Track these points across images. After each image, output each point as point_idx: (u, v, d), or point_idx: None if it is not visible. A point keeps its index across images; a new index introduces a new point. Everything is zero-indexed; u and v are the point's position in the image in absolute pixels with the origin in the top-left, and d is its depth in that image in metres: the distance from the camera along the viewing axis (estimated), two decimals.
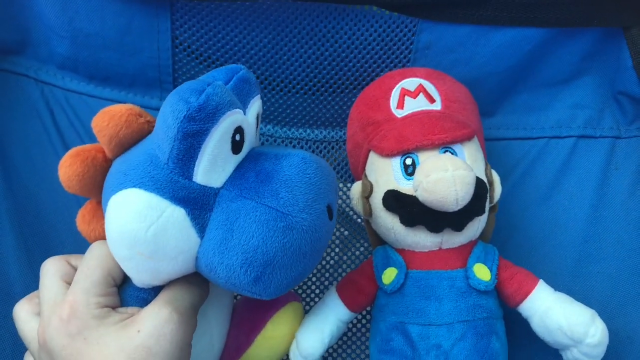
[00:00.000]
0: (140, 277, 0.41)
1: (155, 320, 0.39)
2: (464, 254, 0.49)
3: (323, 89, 0.63)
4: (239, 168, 0.41)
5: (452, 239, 0.48)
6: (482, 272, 0.48)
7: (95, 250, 0.42)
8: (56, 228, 0.59)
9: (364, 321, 0.61)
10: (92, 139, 0.60)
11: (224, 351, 0.51)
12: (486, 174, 0.50)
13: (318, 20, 0.59)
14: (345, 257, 0.64)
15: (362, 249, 0.64)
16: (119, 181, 0.39)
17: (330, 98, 0.64)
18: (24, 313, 0.44)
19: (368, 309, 0.60)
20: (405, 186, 0.48)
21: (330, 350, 0.59)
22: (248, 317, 0.51)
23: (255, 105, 0.43)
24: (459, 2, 0.57)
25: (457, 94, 0.53)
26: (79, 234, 0.46)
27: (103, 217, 0.41)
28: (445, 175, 0.43)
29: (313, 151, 0.65)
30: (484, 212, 0.48)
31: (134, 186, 0.38)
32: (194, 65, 0.62)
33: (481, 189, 0.47)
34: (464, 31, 0.58)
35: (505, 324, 0.51)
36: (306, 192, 0.39)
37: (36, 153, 0.60)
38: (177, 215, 0.38)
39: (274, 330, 0.51)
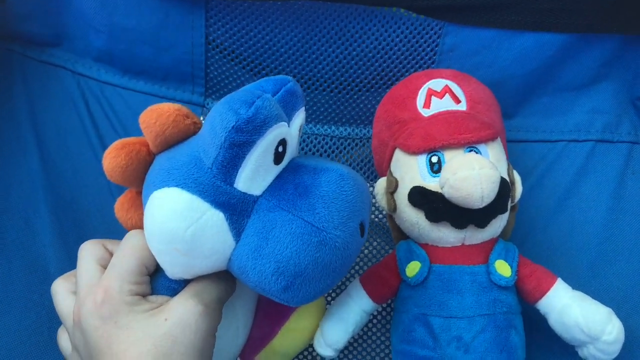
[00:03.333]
0: (173, 270, 0.42)
1: (182, 311, 0.40)
2: (486, 250, 0.50)
3: (349, 87, 0.64)
4: (278, 178, 0.41)
5: (475, 236, 0.49)
6: (503, 268, 0.49)
7: (132, 239, 0.43)
8: (89, 214, 0.60)
9: (384, 313, 0.63)
10: (125, 129, 0.63)
11: (248, 341, 0.52)
12: (508, 174, 0.51)
13: (347, 21, 0.60)
14: (361, 254, 0.65)
15: (375, 244, 0.65)
16: (162, 178, 0.40)
17: (356, 97, 0.65)
18: (61, 290, 0.45)
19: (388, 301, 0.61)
20: (431, 183, 0.49)
21: (352, 340, 0.60)
22: (273, 309, 0.53)
23: (299, 117, 0.43)
24: (484, 6, 0.58)
25: (481, 96, 0.54)
26: (110, 220, 0.48)
27: (141, 207, 0.43)
28: (472, 173, 0.45)
29: (337, 147, 0.67)
30: (506, 210, 0.50)
31: (177, 185, 0.39)
32: (226, 61, 0.63)
33: (504, 188, 0.48)
34: (488, 35, 0.60)
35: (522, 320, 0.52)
36: (341, 209, 0.40)
37: (71, 142, 0.62)
38: (216, 218, 0.39)
39: (298, 322, 0.53)
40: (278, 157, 0.40)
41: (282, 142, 0.40)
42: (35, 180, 0.59)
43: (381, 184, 0.55)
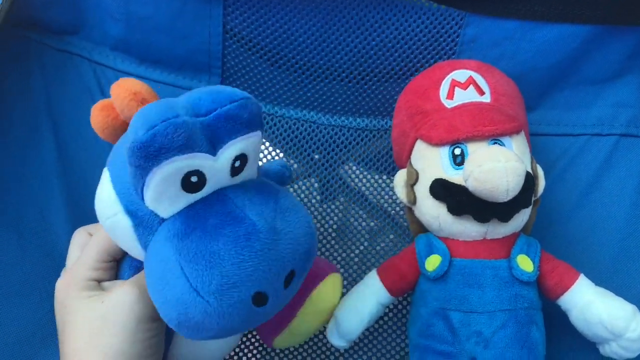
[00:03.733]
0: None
1: (118, 293, 0.41)
2: (508, 245, 0.50)
3: (368, 77, 0.64)
4: (192, 206, 0.37)
5: (497, 230, 0.49)
6: (525, 263, 0.49)
7: (100, 228, 0.44)
8: None
9: (400, 307, 0.62)
10: None
11: (266, 325, 0.52)
12: (532, 168, 0.51)
13: (366, 10, 0.60)
14: (373, 251, 0.65)
15: (387, 240, 0.65)
16: (110, 158, 0.40)
17: (374, 87, 0.64)
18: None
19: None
20: (453, 175, 0.49)
21: (366, 332, 0.60)
22: None
23: (235, 148, 0.37)
24: None
25: (505, 88, 0.53)
26: None
27: None
28: (498, 165, 0.44)
29: (355, 139, 0.66)
30: (530, 204, 0.49)
31: (110, 175, 0.38)
32: (243, 51, 0.63)
33: (529, 181, 0.47)
34: (511, 26, 0.59)
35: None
36: (225, 275, 0.34)
37: (87, 131, 0.60)
38: (125, 223, 0.37)
39: (316, 304, 0.52)
40: (191, 187, 0.36)
41: (196, 173, 0.35)
42: (51, 169, 0.59)
43: (401, 176, 0.54)
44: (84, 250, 0.44)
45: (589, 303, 0.48)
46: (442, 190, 0.48)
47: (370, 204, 0.66)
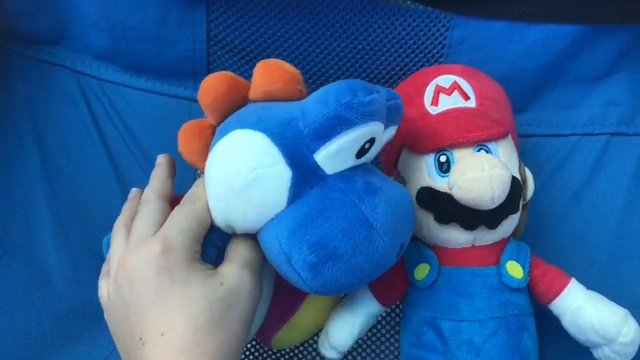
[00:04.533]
0: (216, 212, 0.42)
1: (237, 278, 0.40)
2: (497, 251, 0.49)
3: None
4: (352, 170, 0.42)
5: (485, 237, 0.48)
6: (514, 270, 0.48)
7: (195, 200, 0.43)
8: (91, 214, 0.60)
9: (392, 314, 0.62)
10: (126, 127, 0.62)
11: (268, 317, 0.52)
12: (520, 172, 0.50)
13: (352, 14, 0.59)
14: None
15: None
16: (251, 122, 0.41)
17: None
18: (120, 238, 0.44)
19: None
20: (440, 183, 0.48)
21: (360, 342, 0.59)
22: (290, 288, 0.51)
23: (390, 132, 0.44)
24: None
25: (491, 92, 0.53)
26: (113, 219, 0.47)
27: (206, 139, 0.44)
28: (482, 174, 0.43)
29: None
30: (518, 210, 0.48)
31: (264, 131, 0.40)
32: (228, 57, 0.63)
33: (516, 187, 0.47)
34: (498, 27, 0.58)
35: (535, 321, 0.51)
36: (396, 221, 0.41)
37: (72, 141, 0.61)
38: (284, 173, 0.40)
39: (318, 299, 0.52)
40: (361, 152, 0.41)
41: (372, 140, 0.41)
42: (36, 181, 0.58)
43: None
44: (179, 217, 0.41)
45: (580, 308, 0.48)
46: (428, 198, 0.48)
47: None
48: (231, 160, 0.40)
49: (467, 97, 0.51)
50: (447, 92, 0.51)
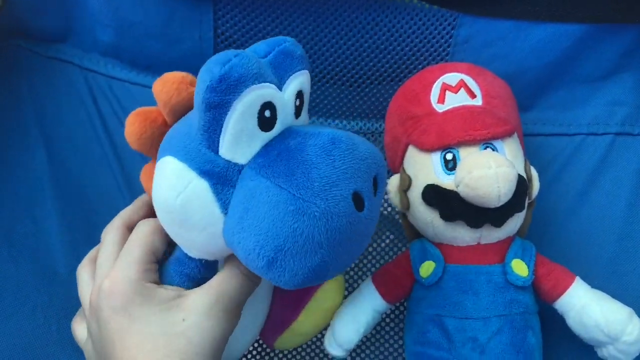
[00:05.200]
0: (183, 245, 0.41)
1: (202, 316, 0.39)
2: (502, 249, 0.49)
3: (361, 80, 0.63)
4: (267, 146, 0.38)
5: (490, 235, 0.48)
6: (519, 268, 0.48)
7: (140, 226, 0.43)
8: (98, 211, 0.60)
9: (397, 312, 0.62)
10: None
11: (269, 324, 0.52)
12: (525, 171, 0.50)
13: (358, 12, 0.59)
14: (370, 249, 0.65)
15: (387, 240, 0.64)
16: (163, 147, 0.40)
17: (367, 90, 0.64)
18: (85, 275, 0.45)
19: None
20: (446, 181, 0.48)
21: (364, 339, 0.59)
22: (292, 292, 0.51)
23: (297, 82, 0.40)
24: None
25: (497, 90, 0.53)
26: None
27: None
28: (489, 172, 0.44)
29: None
30: (523, 208, 0.49)
31: (171, 154, 0.38)
32: None
33: (522, 185, 0.47)
34: (504, 26, 0.58)
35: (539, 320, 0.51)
36: (324, 176, 0.35)
37: (79, 138, 0.61)
38: (201, 187, 0.37)
39: (319, 305, 0.52)
40: (265, 123, 0.37)
41: (269, 106, 0.37)
42: (43, 178, 0.58)
43: (394, 181, 0.53)
44: (125, 251, 0.41)
45: (585, 306, 0.48)
46: (434, 196, 0.48)
47: None
48: (159, 196, 0.39)
49: (473, 95, 0.51)
50: (453, 90, 0.51)
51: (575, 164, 0.61)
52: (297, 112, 0.40)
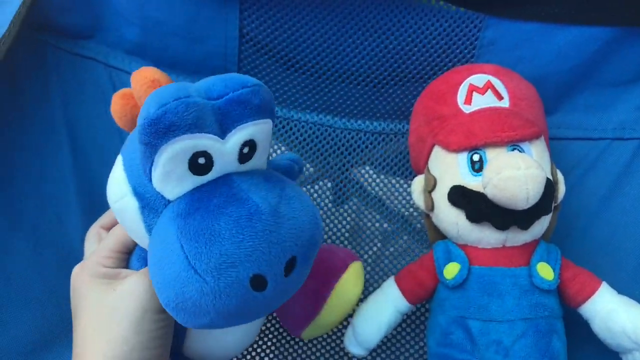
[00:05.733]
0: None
1: (130, 282, 0.41)
2: (527, 252, 0.49)
3: (385, 81, 0.63)
4: (199, 188, 0.37)
5: (516, 237, 0.48)
6: (545, 271, 0.48)
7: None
8: None
9: (417, 313, 0.61)
10: None
11: (291, 320, 0.52)
12: (552, 174, 0.50)
13: (383, 13, 0.59)
14: (386, 252, 0.64)
15: (401, 242, 0.64)
16: (125, 143, 0.40)
17: (391, 90, 0.64)
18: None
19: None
20: (472, 182, 0.48)
21: (384, 340, 0.59)
22: (312, 287, 0.51)
23: (244, 133, 0.37)
24: None
25: (524, 92, 0.53)
26: None
27: None
28: (518, 173, 0.43)
29: (371, 142, 0.66)
30: (550, 211, 0.48)
31: (123, 156, 0.39)
32: (259, 55, 0.63)
33: (549, 188, 0.46)
34: (530, 28, 0.58)
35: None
36: (225, 253, 0.34)
37: (102, 135, 0.61)
38: (132, 205, 0.37)
39: (341, 296, 0.51)
40: (197, 168, 0.36)
41: (203, 154, 0.35)
42: (67, 174, 0.58)
43: (418, 182, 0.53)
44: (102, 241, 0.45)
45: (611, 312, 0.47)
46: (460, 197, 0.48)
47: (384, 206, 0.65)
48: (108, 185, 0.40)
49: (500, 97, 0.51)
50: (480, 92, 0.51)
51: (600, 169, 0.60)
52: (244, 159, 0.38)
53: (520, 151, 0.48)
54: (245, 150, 0.37)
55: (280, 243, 0.36)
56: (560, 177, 0.51)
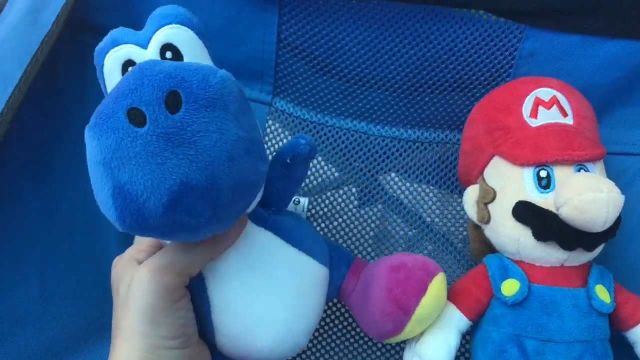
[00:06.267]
0: None
1: (135, 280, 0.41)
2: (584, 273, 0.49)
3: (421, 89, 0.63)
4: None
5: (577, 258, 0.47)
6: (603, 294, 0.48)
7: None
8: None
9: None
10: None
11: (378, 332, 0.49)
12: None
13: (423, 21, 0.59)
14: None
15: (425, 252, 0.64)
16: None
17: (427, 99, 0.63)
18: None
19: None
20: (538, 198, 0.47)
21: None
22: (395, 300, 0.47)
23: (160, 36, 0.43)
24: (570, 10, 0.56)
25: (585, 110, 0.52)
26: None
27: None
28: (600, 196, 0.43)
29: (405, 150, 0.65)
30: (615, 235, 0.48)
31: None
32: (296, 60, 0.62)
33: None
34: (572, 40, 0.58)
35: None
36: (106, 100, 0.35)
37: None
38: None
39: (425, 311, 0.47)
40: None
41: (130, 63, 0.42)
42: None
43: (472, 192, 0.53)
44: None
45: None
46: (528, 213, 0.47)
47: (409, 212, 0.65)
48: None
49: (565, 114, 0.50)
50: (546, 106, 0.50)
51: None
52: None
53: (585, 171, 0.47)
54: (169, 55, 0.42)
55: (153, 75, 0.34)
56: None
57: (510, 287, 0.48)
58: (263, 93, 0.64)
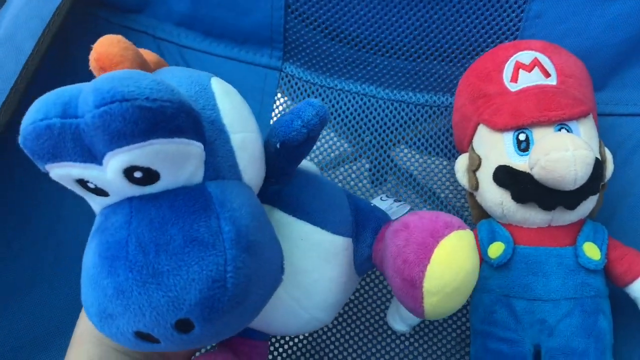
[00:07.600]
0: None
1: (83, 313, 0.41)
2: (573, 232, 0.49)
3: (429, 52, 0.63)
4: (105, 209, 0.31)
5: (562, 217, 0.48)
6: (591, 251, 0.47)
7: None
8: None
9: None
10: None
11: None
12: (600, 152, 0.49)
13: None
14: None
15: None
16: None
17: (435, 62, 0.64)
18: None
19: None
20: (518, 162, 0.48)
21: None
22: (399, 271, 0.39)
23: (119, 160, 0.28)
24: None
25: (572, 69, 0.52)
26: None
27: None
28: (566, 154, 0.43)
29: (414, 115, 0.65)
30: (598, 191, 0.48)
31: None
32: (304, 25, 0.63)
33: (597, 168, 0.46)
34: (579, 0, 0.57)
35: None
36: (101, 303, 0.29)
37: None
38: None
39: (437, 282, 0.38)
40: (93, 191, 0.30)
41: (82, 181, 0.30)
42: None
43: (462, 161, 0.53)
44: None
45: None
46: (506, 177, 0.48)
47: (421, 186, 0.65)
48: None
49: (547, 75, 0.50)
50: (527, 69, 0.50)
51: None
52: (145, 182, 0.30)
53: (567, 130, 0.47)
54: (138, 174, 0.29)
55: (156, 308, 0.29)
56: (608, 155, 0.50)
57: (495, 250, 0.49)
58: (273, 59, 0.65)
